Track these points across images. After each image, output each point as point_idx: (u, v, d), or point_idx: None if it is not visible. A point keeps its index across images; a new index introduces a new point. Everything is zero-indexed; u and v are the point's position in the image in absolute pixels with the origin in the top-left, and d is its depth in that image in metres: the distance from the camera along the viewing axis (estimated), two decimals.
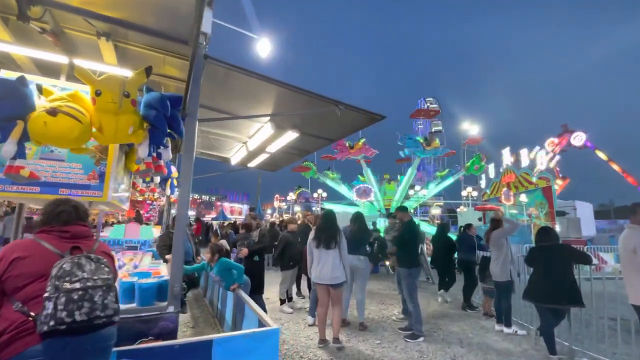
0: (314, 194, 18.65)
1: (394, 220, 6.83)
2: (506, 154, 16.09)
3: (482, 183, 17.47)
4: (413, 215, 16.82)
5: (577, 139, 16.14)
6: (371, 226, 8.30)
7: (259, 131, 4.82)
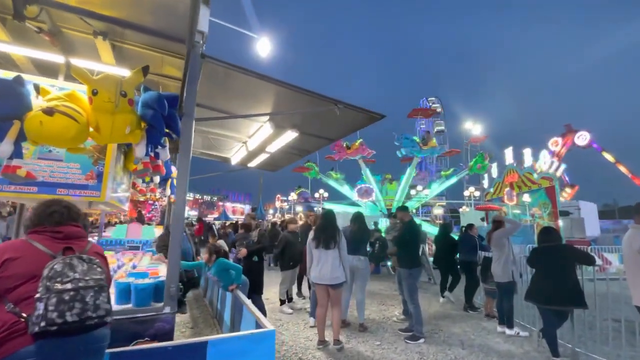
0: (315, 194, 18.62)
1: (394, 220, 6.81)
2: (509, 154, 15.98)
3: (485, 183, 17.36)
4: (415, 215, 16.81)
5: (581, 139, 16.02)
6: (373, 226, 8.28)
7: (259, 131, 4.80)
